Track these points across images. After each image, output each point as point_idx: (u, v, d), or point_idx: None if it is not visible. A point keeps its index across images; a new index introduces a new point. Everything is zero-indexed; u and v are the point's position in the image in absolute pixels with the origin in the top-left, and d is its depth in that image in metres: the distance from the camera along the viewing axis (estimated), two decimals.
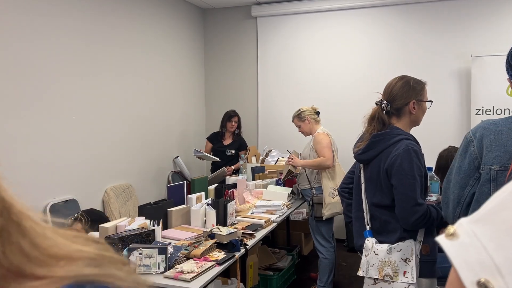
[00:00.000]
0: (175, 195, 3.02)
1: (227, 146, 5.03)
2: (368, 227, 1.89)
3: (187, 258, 2.31)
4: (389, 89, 1.89)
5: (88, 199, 3.67)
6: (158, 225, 2.47)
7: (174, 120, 5.24)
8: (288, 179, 4.10)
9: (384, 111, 1.87)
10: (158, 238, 2.42)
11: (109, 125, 4.09)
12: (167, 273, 2.10)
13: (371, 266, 1.77)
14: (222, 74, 5.90)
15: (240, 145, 5.00)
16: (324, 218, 3.56)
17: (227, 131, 4.98)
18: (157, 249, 2.14)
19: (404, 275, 1.70)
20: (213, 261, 2.26)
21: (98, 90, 3.93)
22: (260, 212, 3.34)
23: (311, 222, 3.76)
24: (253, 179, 4.21)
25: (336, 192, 3.54)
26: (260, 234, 2.85)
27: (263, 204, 3.41)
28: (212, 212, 2.86)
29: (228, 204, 2.97)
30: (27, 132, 3.18)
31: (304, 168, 3.84)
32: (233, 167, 4.79)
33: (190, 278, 2.04)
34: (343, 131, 4.62)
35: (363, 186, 1.93)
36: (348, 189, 2.16)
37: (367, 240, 1.84)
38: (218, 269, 2.22)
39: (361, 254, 1.90)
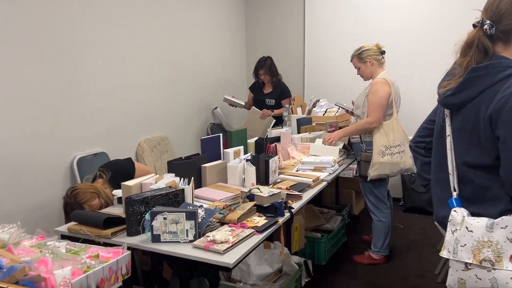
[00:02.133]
0: (210, 149, 2.64)
1: (267, 95, 4.57)
2: (455, 194, 1.41)
3: (222, 223, 1.95)
4: (494, 5, 1.35)
5: (120, 152, 3.38)
6: (188, 184, 2.11)
7: (212, 68, 4.80)
8: None
9: (486, 36, 1.34)
10: (188, 199, 2.07)
11: (141, 72, 3.73)
12: (197, 242, 1.75)
13: (461, 247, 1.31)
14: (264, 15, 5.33)
15: (281, 93, 4.52)
16: (368, 179, 3.09)
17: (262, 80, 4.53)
18: (184, 213, 1.79)
19: (510, 260, 1.24)
20: (252, 227, 1.89)
21: (129, 33, 3.54)
22: (307, 169, 2.92)
23: (361, 181, 3.30)
24: (299, 132, 3.76)
25: (389, 151, 3.03)
26: (307, 196, 2.44)
27: (310, 160, 2.98)
28: (251, 169, 2.47)
29: (270, 160, 2.55)
30: (49, 79, 2.87)
31: (356, 117, 3.34)
32: (271, 112, 4.36)
33: (224, 250, 1.68)
34: (399, 84, 4.02)
35: (449, 139, 1.44)
36: (424, 144, 1.67)
37: (454, 211, 1.37)
38: (258, 238, 1.85)
39: (443, 228, 1.44)
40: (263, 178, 2.52)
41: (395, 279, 3.09)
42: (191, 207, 1.93)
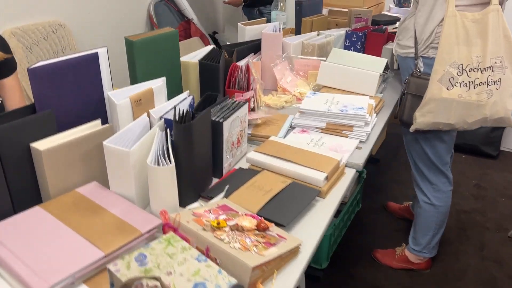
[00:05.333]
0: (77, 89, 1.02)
1: None
2: None
3: None
4: None
5: None
6: None
7: None
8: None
9: None
10: None
11: None
12: None
13: None
14: None
15: None
16: (412, 129, 1.53)
17: None
18: None
19: None
20: None
21: None
22: (310, 127, 1.34)
23: (403, 131, 1.76)
24: (299, 30, 2.06)
25: (466, 78, 1.43)
26: (309, 230, 0.92)
27: (318, 109, 1.37)
28: (164, 169, 0.89)
29: (227, 122, 0.98)
30: None
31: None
32: None
33: None
34: None
35: None
36: None
37: None
38: None
39: None
40: (200, 180, 0.97)
41: None
42: None
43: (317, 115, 1.36)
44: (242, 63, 1.54)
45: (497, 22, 1.39)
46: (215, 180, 1.11)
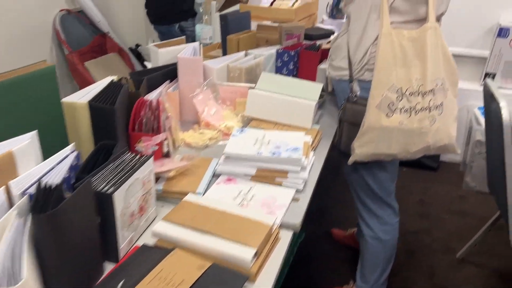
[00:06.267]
0: None
1: None
2: None
3: None
4: None
5: None
6: None
7: None
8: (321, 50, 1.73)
9: None
10: None
11: None
12: None
13: None
14: None
15: None
16: (350, 161, 1.33)
17: None
18: None
19: None
20: None
21: None
22: (238, 175, 1.10)
23: (345, 169, 1.59)
24: (226, 51, 1.83)
25: (406, 103, 1.28)
26: None
27: (250, 154, 1.13)
28: None
29: (119, 193, 0.71)
30: None
31: (346, 12, 1.44)
32: None
33: None
34: None
35: None
36: None
37: None
38: None
39: None
40: (80, 277, 0.70)
41: None
42: None
43: (246, 160, 1.12)
44: (153, 95, 1.27)
45: (435, 40, 1.23)
46: (111, 265, 0.83)
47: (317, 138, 1.33)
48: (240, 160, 1.12)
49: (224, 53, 1.88)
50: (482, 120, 2.29)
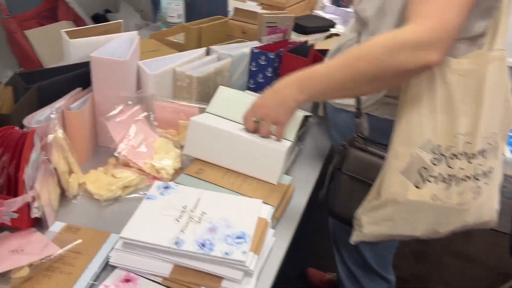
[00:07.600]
0: None
1: None
2: None
3: None
4: None
5: None
6: None
7: None
8: None
9: None
10: None
11: None
12: None
13: None
14: None
15: None
16: (352, 240, 0.88)
17: None
18: None
19: None
20: None
21: None
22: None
23: (331, 224, 1.19)
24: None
25: (443, 169, 0.80)
26: None
27: (163, 245, 0.70)
28: None
29: None
30: None
31: (359, 20, 0.96)
32: None
33: None
34: None
35: None
36: None
37: None
38: None
39: None
40: None
41: None
42: None
43: (156, 251, 0.69)
44: (43, 116, 0.84)
45: (499, 78, 0.78)
46: None
47: (284, 201, 0.89)
48: (147, 249, 0.69)
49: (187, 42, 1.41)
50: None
